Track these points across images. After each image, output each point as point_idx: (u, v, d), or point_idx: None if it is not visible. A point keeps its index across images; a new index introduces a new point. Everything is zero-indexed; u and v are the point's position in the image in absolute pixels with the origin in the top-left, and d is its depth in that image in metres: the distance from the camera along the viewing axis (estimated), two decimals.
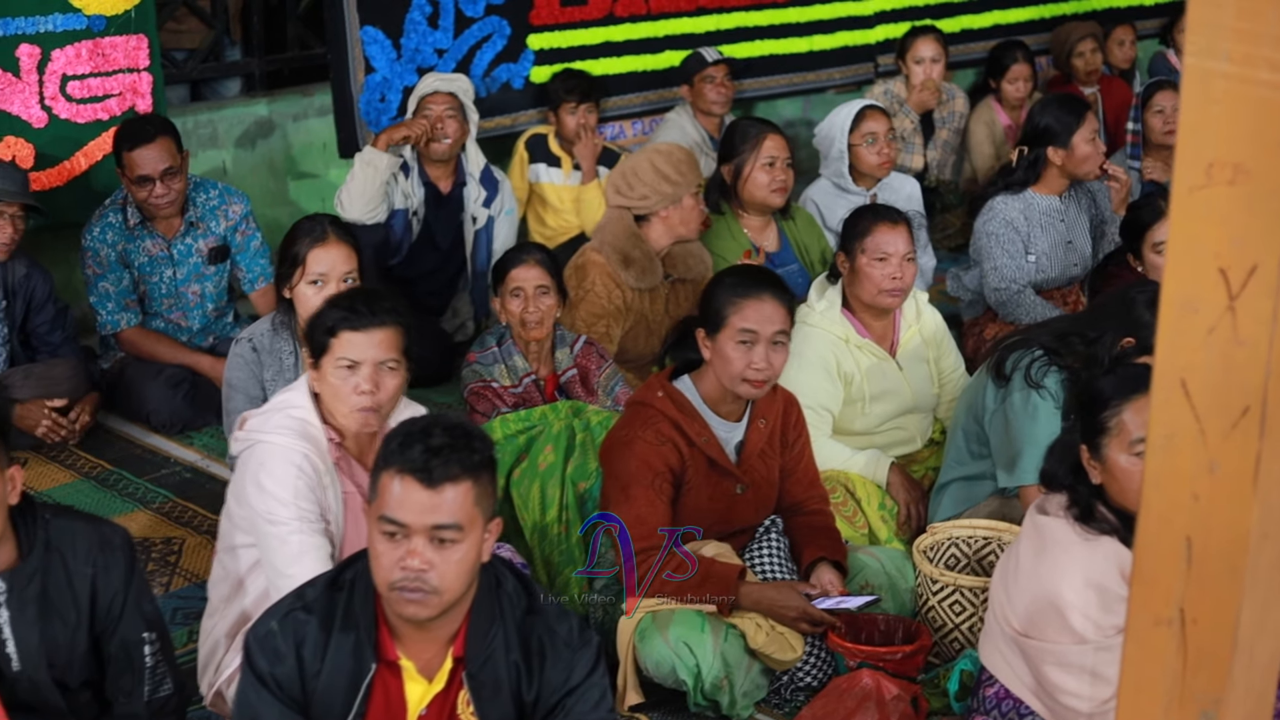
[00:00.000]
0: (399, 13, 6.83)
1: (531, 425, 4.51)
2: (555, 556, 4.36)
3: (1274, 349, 2.16)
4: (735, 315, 3.98)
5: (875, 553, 4.25)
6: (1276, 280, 2.14)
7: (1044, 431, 4.20)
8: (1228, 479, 2.22)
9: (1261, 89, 2.11)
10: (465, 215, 6.30)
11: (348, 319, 3.58)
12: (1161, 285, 2.26)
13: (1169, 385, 2.29)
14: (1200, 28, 2.15)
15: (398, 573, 2.79)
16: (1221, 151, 2.16)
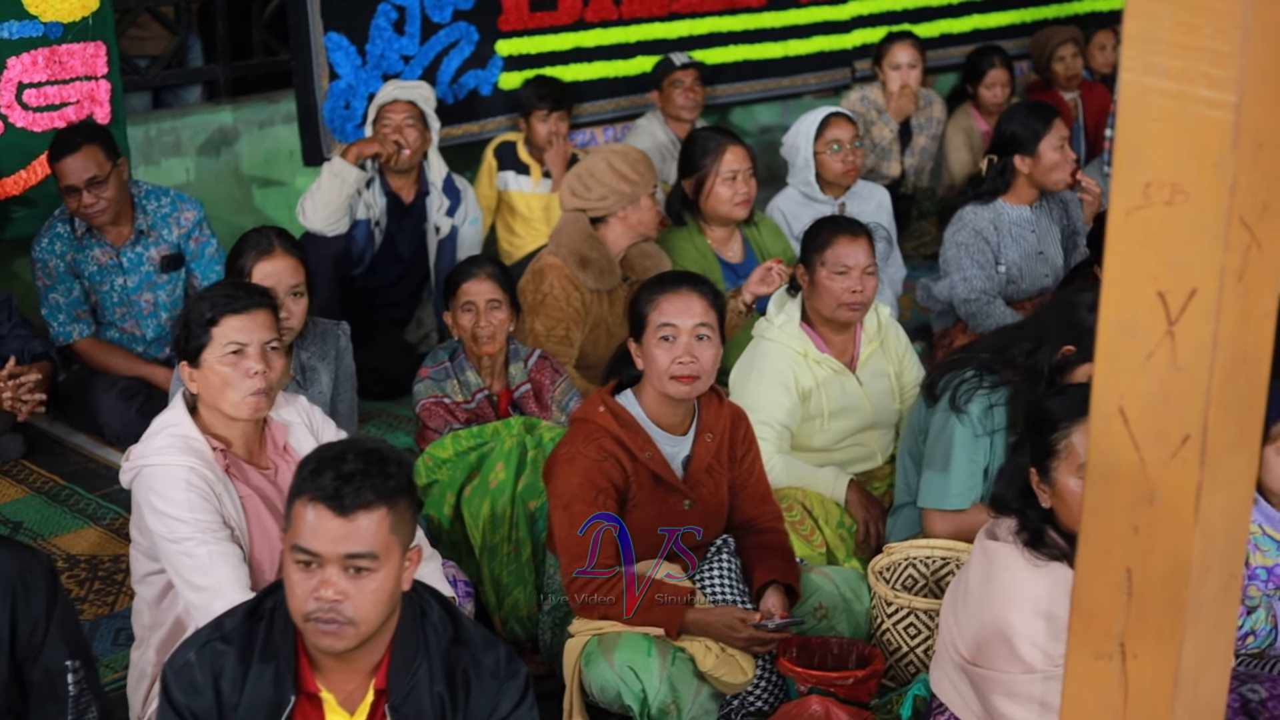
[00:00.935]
0: (364, 19, 6.74)
1: (484, 442, 4.42)
2: (505, 576, 4.27)
3: (1214, 376, 2.09)
4: (654, 312, 3.92)
5: (830, 573, 4.16)
6: (1216, 304, 2.06)
7: (958, 459, 4.18)
8: (1168, 509, 2.15)
9: (1199, 106, 2.03)
10: (428, 225, 6.22)
11: (229, 304, 3.59)
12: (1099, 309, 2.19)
13: (1107, 412, 2.22)
14: (1136, 42, 2.07)
15: (311, 603, 2.70)
16: (1159, 171, 2.08)
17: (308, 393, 4.52)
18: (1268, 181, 2.06)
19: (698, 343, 3.89)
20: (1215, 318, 2.05)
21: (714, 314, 3.95)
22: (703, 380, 3.91)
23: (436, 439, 4.53)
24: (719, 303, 4.00)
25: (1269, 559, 3.91)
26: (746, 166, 5.72)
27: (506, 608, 4.26)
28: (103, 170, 5.53)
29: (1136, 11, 2.04)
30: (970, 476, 4.19)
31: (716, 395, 4.07)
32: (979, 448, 4.17)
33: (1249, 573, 3.90)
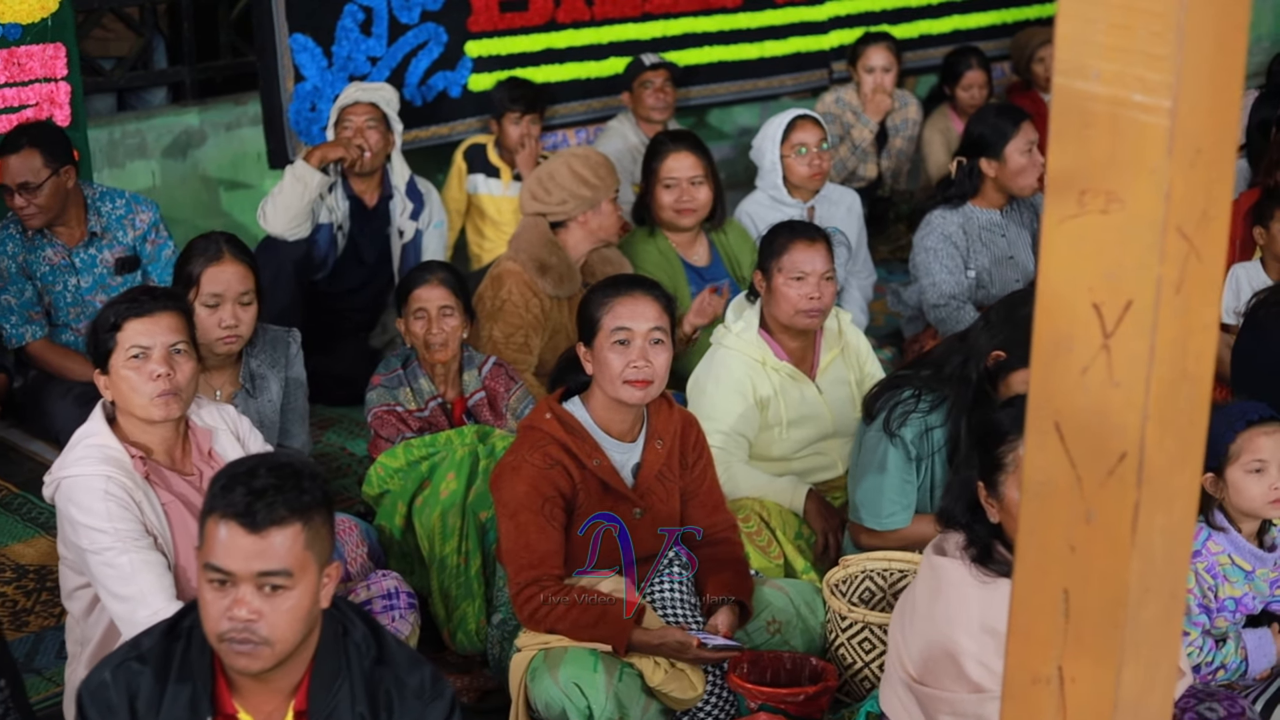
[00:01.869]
0: (330, 19, 6.65)
1: (436, 451, 4.34)
2: (454, 589, 4.19)
3: (1151, 391, 2.02)
4: (608, 316, 3.85)
5: (784, 586, 4.08)
6: (1152, 317, 1.99)
7: (890, 480, 4.13)
8: (1105, 529, 2.07)
9: (1133, 111, 1.96)
10: (391, 229, 6.14)
11: (131, 308, 3.56)
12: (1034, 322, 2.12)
13: (1042, 429, 2.15)
14: (1068, 45, 2.00)
15: (225, 623, 2.63)
16: (1093, 179, 2.01)
17: (257, 400, 4.45)
18: (1207, 189, 1.99)
19: (652, 347, 3.83)
20: (1152, 331, 1.98)
21: (667, 318, 3.89)
22: (655, 385, 3.84)
23: (389, 448, 4.45)
24: (671, 307, 3.94)
25: (1237, 589, 3.84)
26: (692, 174, 5.64)
27: (455, 621, 4.19)
28: (36, 177, 5.42)
29: (1068, 13, 1.96)
30: (903, 497, 4.15)
31: (666, 401, 4.00)
32: (912, 470, 4.12)
33: (1218, 605, 3.83)
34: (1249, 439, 3.81)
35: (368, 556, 4.17)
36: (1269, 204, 5.96)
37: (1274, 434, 3.83)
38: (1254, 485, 3.80)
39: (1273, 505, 3.81)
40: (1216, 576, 3.83)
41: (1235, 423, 3.83)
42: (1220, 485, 3.84)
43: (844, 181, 7.61)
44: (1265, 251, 5.90)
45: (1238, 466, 3.80)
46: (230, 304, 4.34)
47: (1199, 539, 3.87)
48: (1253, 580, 3.86)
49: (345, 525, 4.15)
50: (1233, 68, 1.98)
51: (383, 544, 4.34)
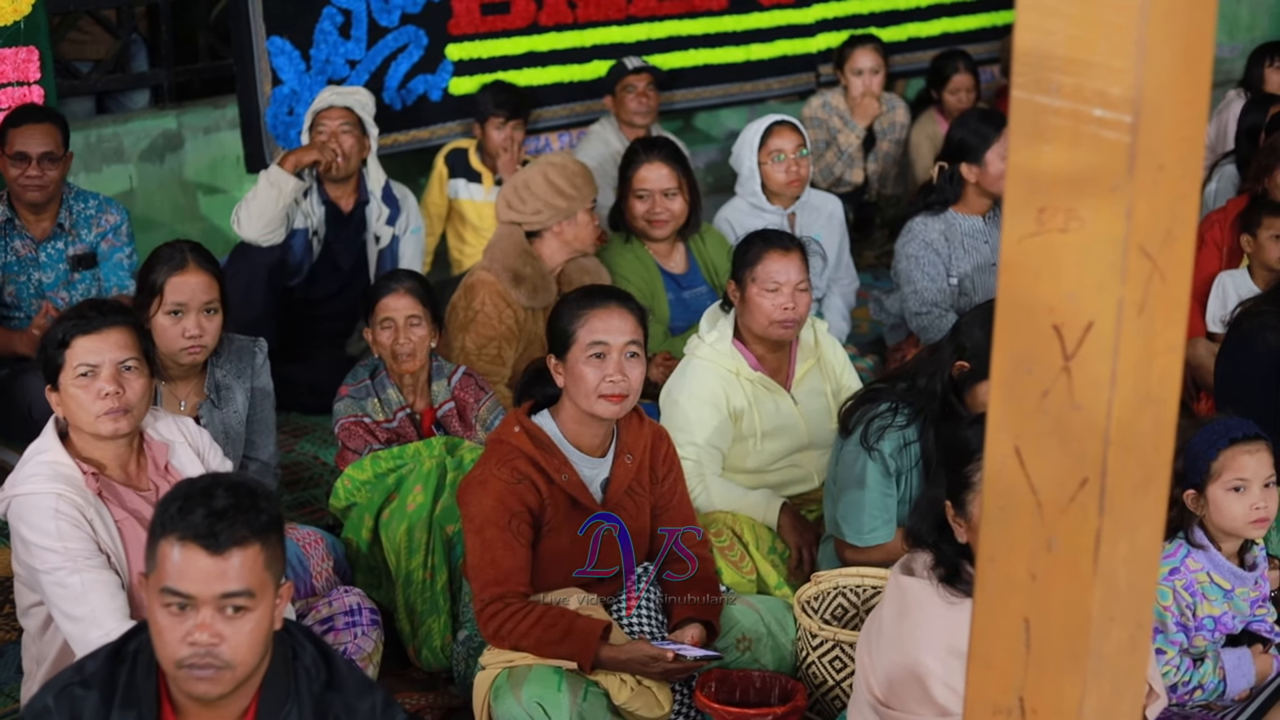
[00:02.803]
0: (308, 22, 6.58)
1: (403, 463, 4.28)
2: (419, 604, 4.12)
3: (1113, 416, 1.95)
4: (583, 329, 3.77)
5: (754, 603, 4.00)
6: (1114, 339, 1.93)
7: (871, 495, 4.06)
8: (1066, 557, 2.01)
9: (1093, 126, 1.89)
10: (368, 234, 6.06)
11: (78, 325, 3.51)
12: (993, 344, 2.06)
13: (1002, 453, 2.09)
14: (1027, 58, 1.93)
15: (185, 649, 2.57)
16: (1053, 196, 1.95)
17: (222, 412, 4.38)
18: (1171, 207, 1.93)
19: (628, 361, 3.77)
20: (1113, 354, 1.92)
21: (642, 331, 3.84)
22: (630, 399, 3.79)
23: (356, 460, 4.38)
24: (645, 319, 3.89)
25: (1216, 608, 3.78)
26: (666, 185, 5.57)
27: (421, 637, 4.12)
28: (58, 149, 5.46)
29: (1026, 24, 1.90)
30: (885, 511, 4.07)
31: (637, 415, 3.93)
32: (892, 485, 4.05)
33: (1196, 623, 3.77)
34: (1231, 457, 3.75)
35: (333, 571, 4.11)
36: (1257, 211, 5.90)
37: (1257, 452, 3.77)
38: (1235, 504, 3.74)
39: (1253, 525, 3.75)
40: (1195, 595, 3.77)
41: (1218, 440, 3.77)
42: (1201, 502, 3.78)
43: (830, 187, 7.54)
44: (1253, 259, 5.84)
45: (1219, 484, 3.74)
46: (194, 313, 4.27)
47: (1177, 556, 3.81)
48: (1232, 599, 3.79)
49: (310, 539, 4.09)
50: (1198, 81, 1.92)
51: (349, 558, 4.28)
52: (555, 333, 3.85)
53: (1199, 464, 3.76)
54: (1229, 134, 7.79)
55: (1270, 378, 4.57)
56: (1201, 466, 3.76)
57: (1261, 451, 3.77)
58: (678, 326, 5.53)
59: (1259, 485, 3.73)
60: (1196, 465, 3.77)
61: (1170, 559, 3.81)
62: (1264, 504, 3.74)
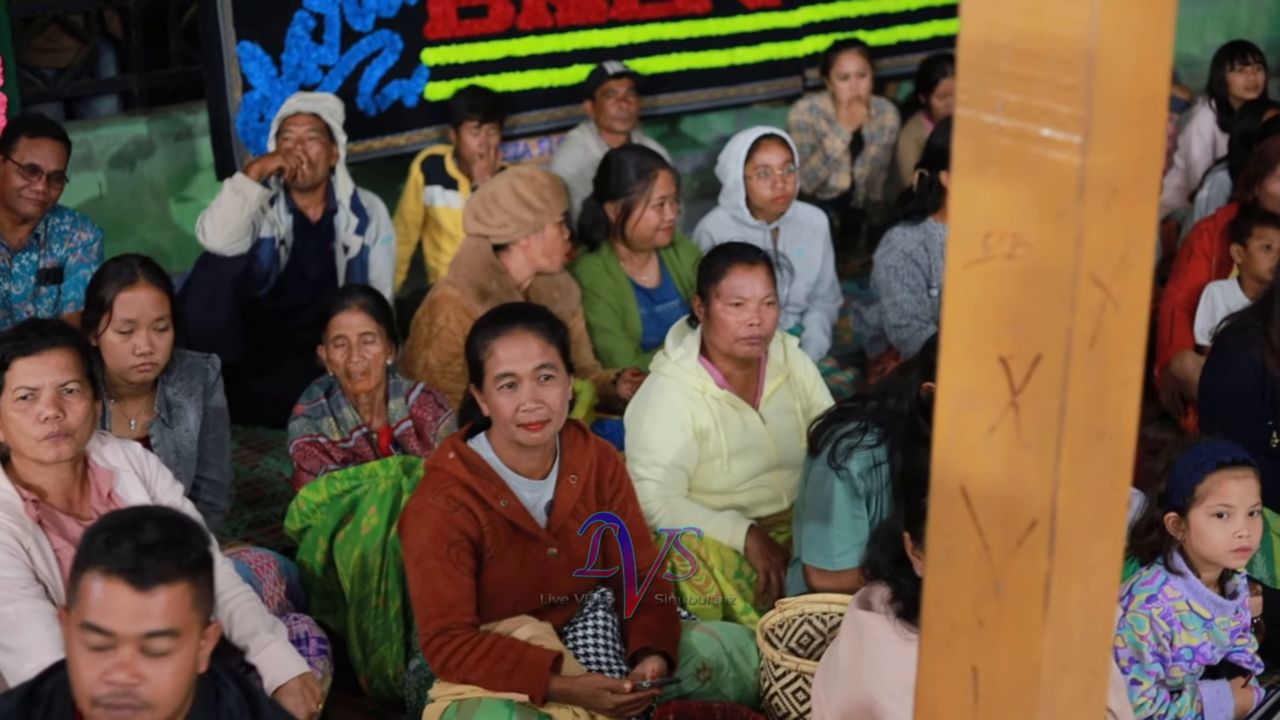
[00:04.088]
0: (280, 27, 6.44)
1: (359, 483, 4.15)
2: (372, 631, 3.99)
3: (1062, 454, 1.84)
4: (490, 361, 3.65)
5: (715, 630, 3.86)
6: (1062, 372, 1.81)
7: (839, 516, 3.91)
8: (1015, 602, 1.90)
9: (1040, 147, 1.77)
10: (336, 244, 5.93)
11: (18, 347, 3.41)
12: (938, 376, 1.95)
13: (948, 492, 1.97)
14: (971, 73, 1.81)
15: (103, 688, 2.44)
16: (999, 220, 1.83)
17: (174, 431, 4.26)
18: (1125, 232, 1.81)
19: (542, 385, 3.63)
20: (1062, 388, 1.81)
21: (555, 349, 3.69)
22: (553, 423, 3.65)
23: (311, 481, 4.25)
24: (558, 334, 3.74)
25: (1195, 638, 3.65)
26: (674, 191, 5.45)
27: (373, 665, 3.99)
28: (62, 169, 5.41)
29: (970, 38, 1.78)
30: (855, 534, 3.92)
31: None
32: (861, 506, 3.90)
33: (1174, 653, 3.65)
34: (1217, 481, 3.63)
35: (285, 595, 3.98)
36: (1247, 221, 5.77)
37: (1244, 479, 3.65)
38: (1217, 530, 3.62)
39: (1235, 554, 3.63)
40: (1173, 624, 3.65)
41: (1205, 463, 3.65)
42: (1182, 527, 3.66)
43: (815, 192, 7.42)
44: (1243, 270, 5.71)
45: (1202, 509, 3.62)
46: (145, 330, 4.16)
47: (1155, 583, 3.69)
48: (1211, 629, 3.67)
49: (263, 562, 3.97)
50: (1153, 97, 1.80)
51: (304, 582, 4.15)
52: (470, 363, 3.73)
53: (1183, 486, 3.65)
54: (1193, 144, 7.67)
55: (1255, 395, 4.44)
56: (1185, 489, 3.64)
57: (1249, 478, 3.65)
58: (650, 341, 5.39)
59: (1243, 513, 3.62)
60: (1180, 488, 3.65)
61: (1148, 586, 3.69)
62: (1247, 533, 3.63)
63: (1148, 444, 5.63)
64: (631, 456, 4.29)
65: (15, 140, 5.38)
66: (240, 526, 5.00)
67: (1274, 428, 4.47)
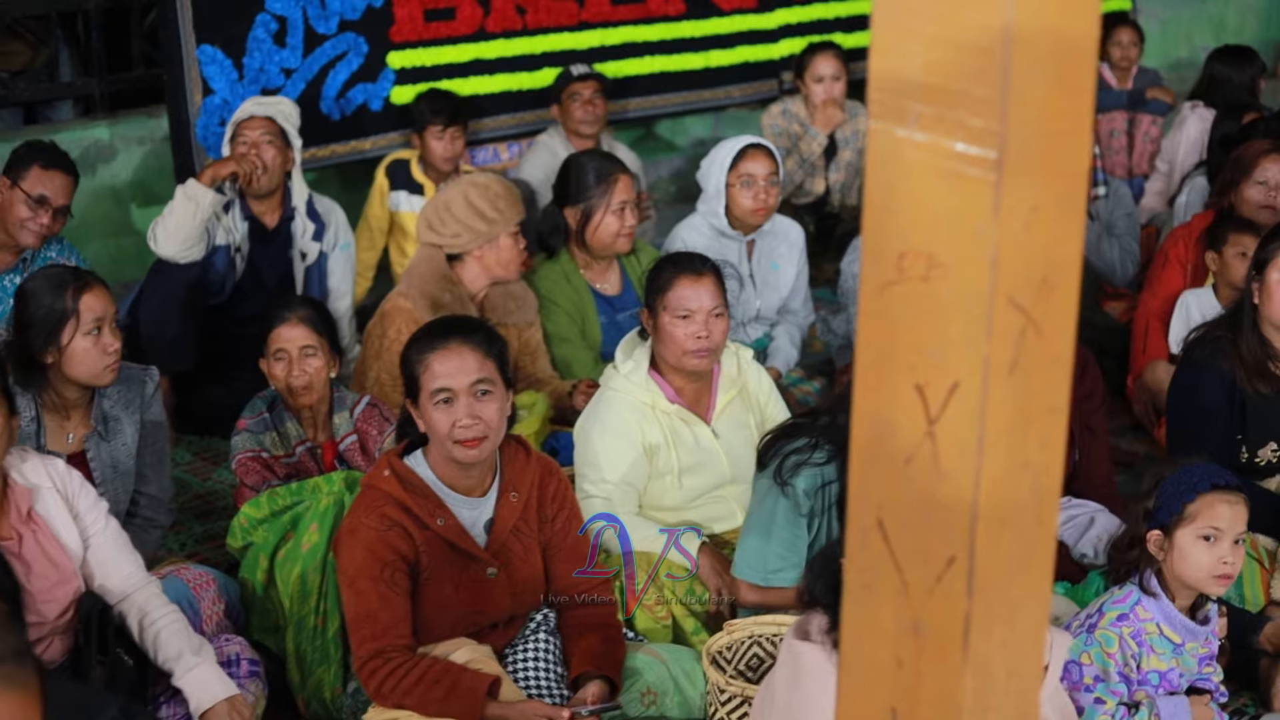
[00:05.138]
0: (241, 30, 6.33)
1: (301, 499, 4.04)
2: (310, 652, 3.88)
3: (981, 486, 1.74)
4: (425, 376, 3.54)
5: (660, 653, 3.75)
6: (980, 401, 1.71)
7: (779, 534, 3.82)
8: (934, 642, 1.79)
9: (955, 162, 1.67)
10: (294, 251, 5.81)
11: None
12: (853, 403, 1.85)
13: (864, 525, 1.87)
14: (883, 84, 1.71)
15: None
16: (913, 240, 1.73)
17: (110, 444, 4.15)
18: (1047, 252, 1.71)
19: (478, 401, 3.52)
20: (980, 417, 1.70)
21: (492, 363, 3.58)
22: (491, 440, 3.54)
23: (253, 497, 4.15)
24: (495, 347, 3.63)
25: (1163, 662, 3.56)
26: (634, 197, 5.34)
27: (310, 687, 3.88)
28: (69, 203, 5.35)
29: (882, 46, 1.68)
30: (793, 553, 3.82)
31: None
32: (803, 525, 3.80)
33: (1140, 676, 3.55)
34: (1209, 503, 3.55)
35: (224, 614, 3.88)
36: (1223, 227, 5.67)
37: (1236, 504, 3.56)
38: (1203, 554, 3.53)
39: (1216, 580, 3.54)
40: (1142, 645, 3.55)
41: (1199, 482, 3.56)
42: (1165, 547, 3.57)
43: (791, 196, 7.31)
44: (1218, 278, 5.60)
45: (1190, 529, 3.54)
46: (108, 327, 4.09)
47: (1127, 602, 3.60)
48: (1181, 655, 3.58)
49: (202, 580, 3.87)
50: (1078, 109, 1.69)
51: (245, 601, 4.04)
52: (405, 377, 3.63)
53: (1173, 504, 3.56)
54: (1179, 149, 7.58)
55: (1224, 408, 4.34)
56: (1175, 507, 3.56)
57: (1240, 505, 3.57)
58: (611, 351, 5.22)
59: (1230, 539, 3.53)
60: (1170, 505, 3.57)
61: (1119, 604, 3.60)
62: (1232, 559, 3.54)
63: (1121, 455, 5.54)
64: (580, 473, 4.19)
65: (27, 168, 5.27)
66: (189, 540, 4.90)
67: (1243, 442, 4.37)
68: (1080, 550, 4.28)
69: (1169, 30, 10.83)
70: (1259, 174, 5.77)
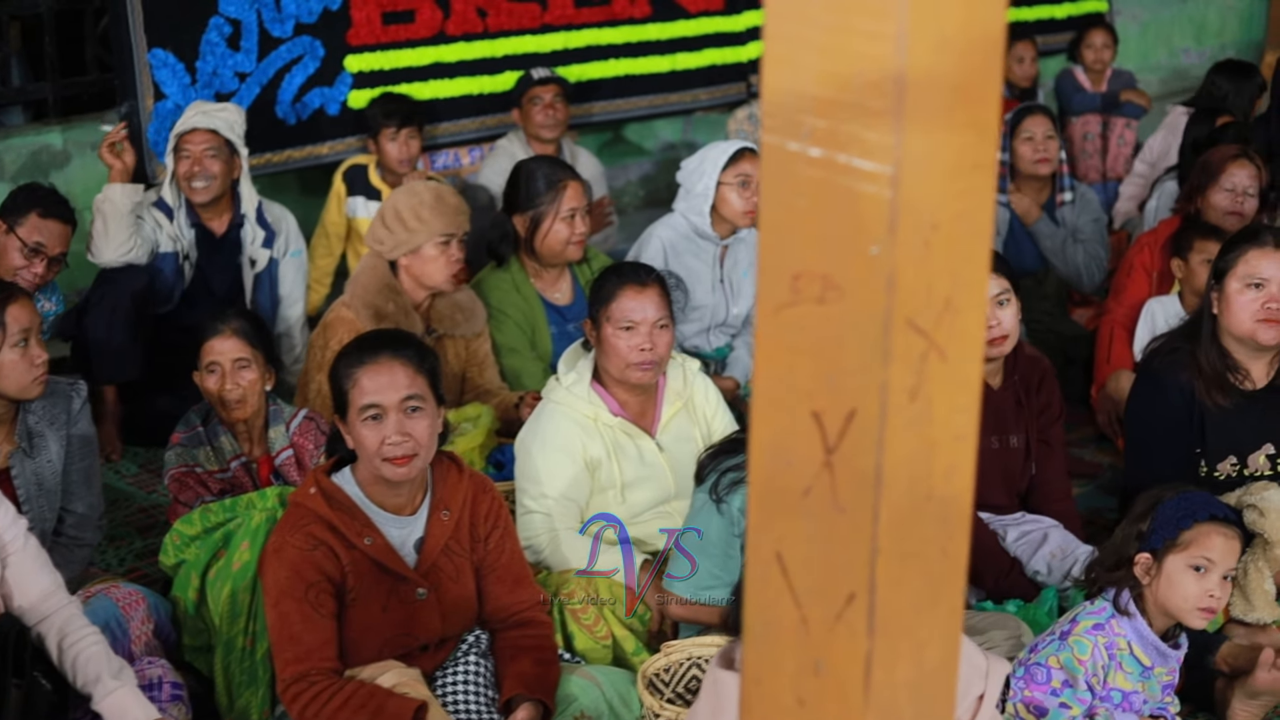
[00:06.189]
0: (194, 33, 6.22)
1: (234, 516, 3.93)
2: (238, 674, 3.77)
3: (881, 519, 1.65)
4: (354, 391, 3.44)
5: (595, 675, 3.63)
6: (878, 429, 1.62)
7: (711, 552, 3.73)
8: (836, 682, 1.71)
9: (850, 179, 1.58)
10: (243, 258, 5.71)
11: None
12: (749, 431, 1.77)
13: (764, 559, 1.79)
14: (776, 95, 1.62)
15: None
16: (808, 260, 1.64)
17: (35, 461, 4.05)
18: (950, 272, 1.63)
19: (408, 418, 3.41)
20: (878, 447, 1.62)
21: (423, 379, 3.47)
22: (421, 457, 3.43)
23: (186, 513, 4.04)
24: (427, 362, 3.51)
25: (1129, 682, 3.47)
26: (584, 203, 5.23)
27: (237, 710, 3.77)
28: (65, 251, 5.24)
29: (775, 56, 1.59)
30: (726, 572, 3.73)
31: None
32: (736, 545, 3.70)
33: (1103, 692, 3.46)
34: (1205, 532, 3.48)
35: (154, 634, 3.77)
36: (1189, 234, 5.58)
37: (1231, 539, 3.51)
38: (1191, 583, 3.46)
39: (1199, 612, 3.47)
40: (1113, 659, 3.47)
41: (1198, 510, 3.50)
42: (1154, 572, 3.50)
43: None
44: (1184, 285, 5.52)
45: (1182, 557, 3.47)
46: (34, 339, 4.01)
47: (1102, 615, 3.52)
48: (1148, 679, 3.50)
49: (132, 598, 3.76)
50: (983, 120, 1.60)
51: (177, 620, 3.94)
52: (334, 392, 3.52)
53: (1168, 528, 3.49)
54: (1156, 151, 7.50)
55: (1183, 422, 4.24)
56: (1169, 532, 3.49)
57: (1234, 540, 3.51)
58: None
59: (1220, 573, 3.47)
60: (1164, 530, 3.50)
61: (1095, 615, 3.53)
62: (1219, 594, 3.47)
63: (1085, 467, 5.45)
64: (520, 488, 4.09)
65: (25, 215, 5.16)
66: (129, 555, 4.79)
67: (1202, 455, 4.28)
68: (1033, 567, 4.19)
69: (1149, 32, 10.75)
70: (1226, 179, 5.69)
